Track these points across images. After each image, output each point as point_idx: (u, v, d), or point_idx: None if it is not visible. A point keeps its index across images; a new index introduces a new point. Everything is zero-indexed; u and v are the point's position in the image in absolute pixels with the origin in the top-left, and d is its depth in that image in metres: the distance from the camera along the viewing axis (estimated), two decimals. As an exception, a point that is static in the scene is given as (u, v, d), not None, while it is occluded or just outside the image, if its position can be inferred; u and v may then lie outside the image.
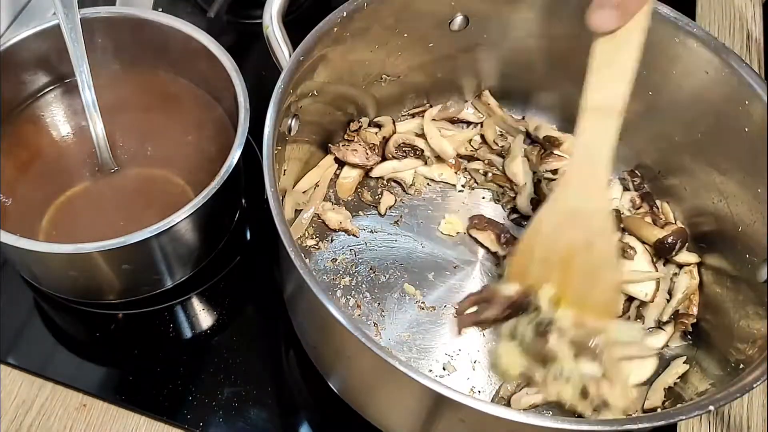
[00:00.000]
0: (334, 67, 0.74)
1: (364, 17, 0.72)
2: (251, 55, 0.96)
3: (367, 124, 0.85)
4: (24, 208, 0.75)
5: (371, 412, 0.67)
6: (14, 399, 0.73)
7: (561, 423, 0.52)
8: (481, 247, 0.81)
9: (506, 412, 0.51)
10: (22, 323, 0.77)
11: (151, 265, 0.73)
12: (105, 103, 0.77)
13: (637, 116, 0.81)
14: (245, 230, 0.85)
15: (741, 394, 0.56)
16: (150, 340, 0.77)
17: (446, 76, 0.86)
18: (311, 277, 0.56)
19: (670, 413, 0.56)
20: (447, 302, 0.77)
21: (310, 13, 1.01)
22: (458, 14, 0.78)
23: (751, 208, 0.70)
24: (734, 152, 0.71)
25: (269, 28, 0.70)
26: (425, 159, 0.84)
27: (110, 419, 0.73)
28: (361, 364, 0.62)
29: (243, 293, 0.80)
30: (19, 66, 0.79)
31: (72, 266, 0.70)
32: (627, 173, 0.85)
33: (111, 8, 0.80)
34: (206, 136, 0.80)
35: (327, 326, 0.60)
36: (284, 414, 0.74)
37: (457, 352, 0.74)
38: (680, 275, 0.77)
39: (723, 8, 1.08)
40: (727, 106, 0.70)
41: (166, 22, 0.79)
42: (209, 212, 0.70)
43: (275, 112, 0.64)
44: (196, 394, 0.73)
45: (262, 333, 0.78)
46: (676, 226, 0.79)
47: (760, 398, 0.77)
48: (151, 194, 0.77)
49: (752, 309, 0.68)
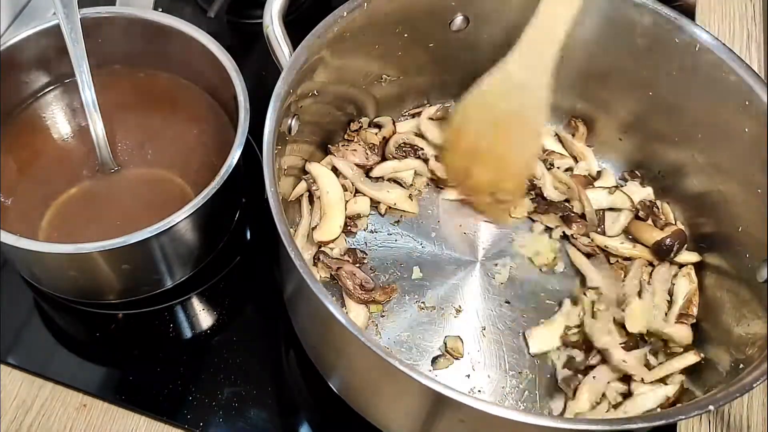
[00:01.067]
0: (334, 67, 0.74)
1: (364, 17, 0.72)
2: (251, 55, 0.96)
3: (367, 125, 0.85)
4: (24, 208, 0.75)
5: (371, 412, 0.67)
6: (14, 399, 0.73)
7: (561, 423, 0.52)
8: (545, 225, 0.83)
9: (506, 412, 0.51)
10: (22, 323, 0.77)
11: (151, 265, 0.73)
12: (105, 103, 0.77)
13: (638, 116, 0.81)
14: (245, 230, 0.85)
15: (741, 394, 0.56)
16: (150, 340, 0.77)
17: (446, 76, 0.86)
18: (311, 277, 0.56)
19: (670, 413, 0.56)
20: (447, 302, 0.77)
21: (310, 13, 1.01)
22: (458, 14, 0.78)
23: (751, 209, 0.70)
24: (734, 152, 0.71)
25: (269, 28, 0.70)
26: (425, 159, 0.84)
27: (110, 419, 0.73)
28: (361, 364, 0.62)
29: (243, 293, 0.80)
30: (19, 66, 0.79)
31: (72, 266, 0.70)
32: (627, 173, 0.85)
33: (111, 8, 0.80)
34: (206, 136, 0.80)
35: (327, 326, 0.60)
36: (284, 414, 0.74)
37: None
38: (679, 278, 0.77)
39: (723, 8, 1.08)
40: (727, 106, 0.70)
41: (166, 22, 0.79)
42: (209, 212, 0.70)
43: (275, 112, 0.64)
44: (196, 394, 0.73)
45: (262, 333, 0.78)
46: (675, 228, 0.79)
47: (760, 398, 0.77)
48: (151, 194, 0.77)
49: (752, 309, 0.68)
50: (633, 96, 0.80)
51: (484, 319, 0.76)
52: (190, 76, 0.83)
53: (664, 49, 0.73)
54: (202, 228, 0.73)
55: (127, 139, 0.80)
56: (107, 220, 0.74)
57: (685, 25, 0.71)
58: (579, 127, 0.86)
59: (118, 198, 0.76)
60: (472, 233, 0.82)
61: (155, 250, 0.71)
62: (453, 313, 0.76)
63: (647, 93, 0.78)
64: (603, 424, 0.53)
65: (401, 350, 0.74)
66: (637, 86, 0.79)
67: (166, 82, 0.83)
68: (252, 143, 0.81)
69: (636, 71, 0.77)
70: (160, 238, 0.67)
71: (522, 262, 0.80)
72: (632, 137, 0.83)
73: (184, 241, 0.72)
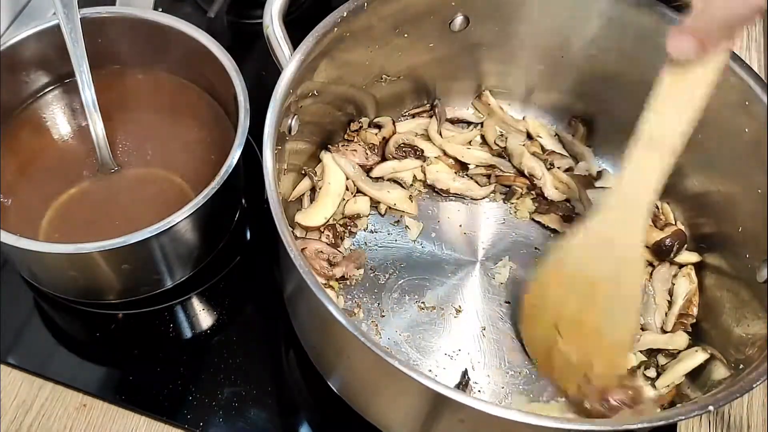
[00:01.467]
0: (335, 67, 0.74)
1: (364, 17, 0.72)
2: (251, 55, 0.96)
3: (367, 125, 0.85)
4: (24, 208, 0.75)
5: (371, 412, 0.67)
6: (14, 399, 0.73)
7: (560, 423, 0.52)
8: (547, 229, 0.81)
9: (505, 412, 0.51)
10: (22, 323, 0.77)
11: (151, 265, 0.73)
12: (105, 103, 0.77)
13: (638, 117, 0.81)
14: (245, 230, 0.85)
15: (741, 394, 0.56)
16: (150, 340, 0.77)
17: (446, 76, 0.86)
18: (311, 277, 0.56)
19: (670, 413, 0.56)
20: (447, 302, 0.77)
21: (310, 13, 1.01)
22: (459, 14, 0.78)
23: (751, 209, 0.70)
24: (734, 153, 0.71)
25: (269, 28, 0.70)
26: (425, 159, 0.84)
27: (110, 419, 0.73)
28: (361, 364, 0.62)
29: (243, 293, 0.80)
30: (19, 66, 0.79)
31: (72, 266, 0.70)
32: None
33: (111, 8, 0.80)
34: (206, 136, 0.80)
35: (327, 326, 0.60)
36: (284, 414, 0.74)
37: (456, 352, 0.74)
38: (679, 278, 0.77)
39: (723, 8, 1.08)
40: (728, 106, 0.70)
41: (166, 22, 0.79)
42: (209, 212, 0.70)
43: (275, 112, 0.64)
44: (196, 394, 0.73)
45: (262, 333, 0.78)
46: (675, 228, 0.79)
47: (760, 398, 0.77)
48: (151, 194, 0.77)
49: (752, 309, 0.68)
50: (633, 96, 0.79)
51: (484, 319, 0.76)
52: (190, 76, 0.83)
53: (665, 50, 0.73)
54: (202, 228, 0.73)
55: (127, 139, 0.80)
56: (107, 220, 0.74)
57: (685, 25, 0.71)
58: (579, 127, 0.86)
59: (118, 198, 0.76)
60: (472, 233, 0.82)
61: (155, 250, 0.71)
62: (453, 313, 0.76)
63: (648, 93, 0.77)
64: (603, 424, 0.53)
65: (401, 350, 0.74)
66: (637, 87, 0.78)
67: (166, 82, 0.83)
68: (252, 143, 0.81)
69: (636, 72, 0.77)
70: (160, 238, 0.67)
71: (522, 262, 0.80)
72: (632, 138, 0.83)
73: (184, 241, 0.72)
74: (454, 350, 0.74)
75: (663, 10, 0.72)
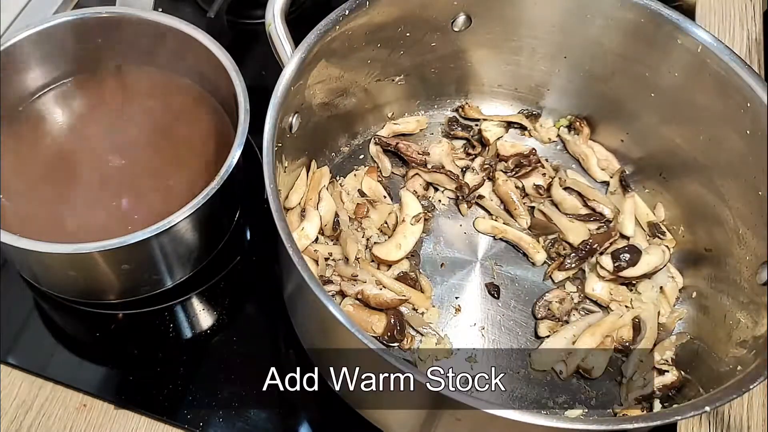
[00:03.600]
0: (336, 66, 0.74)
1: (366, 16, 0.72)
2: (251, 55, 0.96)
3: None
4: (24, 208, 0.75)
5: (371, 412, 0.67)
6: (14, 399, 0.73)
7: (560, 422, 0.52)
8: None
9: (504, 412, 0.51)
10: (22, 323, 0.77)
11: (151, 265, 0.73)
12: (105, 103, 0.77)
13: (639, 117, 0.81)
14: (245, 230, 0.85)
15: (739, 395, 0.56)
16: (150, 340, 0.77)
17: (447, 76, 0.86)
18: (311, 277, 0.56)
19: (667, 413, 0.56)
20: (447, 302, 0.77)
21: (312, 12, 1.01)
22: (461, 14, 0.78)
23: (751, 210, 0.70)
24: (735, 153, 0.71)
25: (272, 26, 0.70)
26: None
27: (110, 419, 0.73)
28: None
29: (243, 293, 0.80)
30: (19, 66, 0.79)
31: (72, 266, 0.70)
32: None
33: (111, 8, 0.80)
34: (206, 136, 0.80)
35: (327, 326, 0.60)
36: (284, 414, 0.74)
37: (456, 352, 0.74)
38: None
39: (723, 8, 1.08)
40: (728, 107, 0.70)
41: (166, 22, 0.79)
42: (209, 212, 0.70)
43: (276, 110, 0.64)
44: (196, 394, 0.73)
45: (262, 333, 0.78)
46: None
47: (760, 398, 0.77)
48: (150, 193, 0.77)
49: (751, 310, 0.68)
50: (634, 97, 0.80)
51: (484, 319, 0.76)
52: (190, 76, 0.83)
53: (665, 50, 0.73)
54: (202, 228, 0.73)
55: (128, 138, 0.80)
56: (107, 219, 0.74)
57: (686, 26, 0.71)
58: (583, 128, 0.86)
59: (118, 197, 0.76)
60: (472, 233, 0.82)
61: (155, 250, 0.71)
62: (453, 313, 0.76)
63: (649, 94, 0.78)
64: (603, 424, 0.53)
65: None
66: (638, 87, 0.79)
67: (166, 82, 0.83)
68: (252, 143, 0.81)
69: (637, 72, 0.77)
70: (160, 238, 0.67)
71: (522, 262, 0.80)
72: (634, 138, 0.83)
73: (184, 241, 0.72)
74: (453, 349, 0.74)
75: (663, 11, 0.72)
